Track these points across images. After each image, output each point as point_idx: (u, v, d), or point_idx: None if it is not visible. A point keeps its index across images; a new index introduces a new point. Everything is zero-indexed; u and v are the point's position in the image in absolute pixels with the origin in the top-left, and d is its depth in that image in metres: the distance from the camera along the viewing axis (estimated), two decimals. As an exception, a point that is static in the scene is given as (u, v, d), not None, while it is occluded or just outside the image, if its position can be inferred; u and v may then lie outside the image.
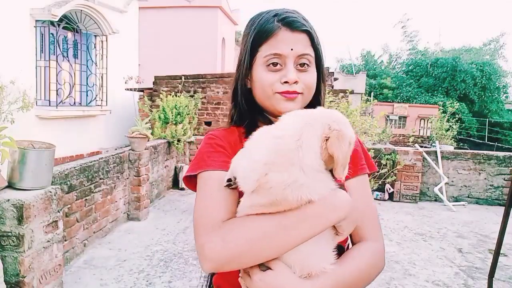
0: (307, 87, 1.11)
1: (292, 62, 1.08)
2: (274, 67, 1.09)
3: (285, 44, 1.08)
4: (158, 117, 7.60)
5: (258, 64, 1.12)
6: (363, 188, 1.13)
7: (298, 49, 1.08)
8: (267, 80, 1.10)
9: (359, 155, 1.15)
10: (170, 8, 16.07)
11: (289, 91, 1.08)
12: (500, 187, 7.47)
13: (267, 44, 1.09)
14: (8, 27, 6.26)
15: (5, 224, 2.73)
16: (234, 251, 0.90)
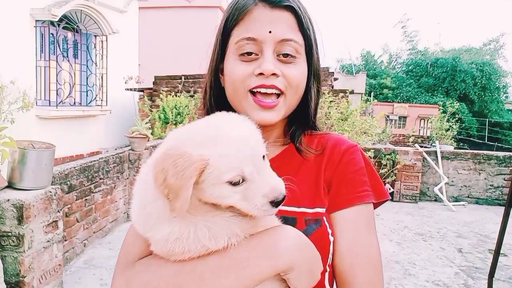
0: (291, 85, 0.85)
1: (271, 49, 0.83)
2: (248, 56, 0.84)
3: (262, 24, 0.82)
4: (158, 117, 7.60)
5: (230, 53, 0.88)
6: (360, 222, 0.84)
7: (278, 32, 0.82)
8: (237, 73, 0.84)
9: (359, 176, 0.88)
10: (170, 8, 16.07)
11: (264, 85, 0.83)
12: (500, 187, 7.47)
13: (239, 26, 0.85)
14: (8, 27, 6.25)
15: (5, 224, 2.73)
16: None
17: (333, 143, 0.92)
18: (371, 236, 0.85)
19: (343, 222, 0.85)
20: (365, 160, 0.91)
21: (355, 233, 0.83)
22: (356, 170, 0.88)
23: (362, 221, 0.85)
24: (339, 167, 0.88)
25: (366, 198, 0.86)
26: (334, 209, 0.85)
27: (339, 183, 0.87)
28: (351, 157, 0.89)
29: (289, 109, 0.89)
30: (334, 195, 0.86)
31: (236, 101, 0.88)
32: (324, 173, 0.88)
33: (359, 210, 0.85)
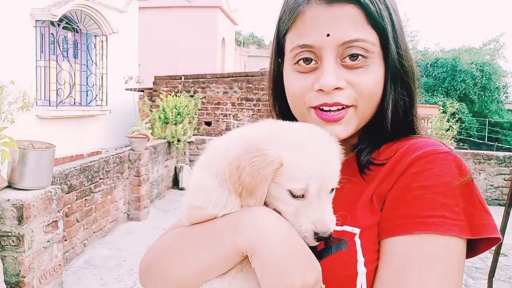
0: (363, 95, 0.69)
1: (332, 56, 0.68)
2: (306, 66, 0.70)
3: (317, 27, 0.67)
4: (158, 117, 7.60)
5: (286, 61, 0.75)
6: (415, 257, 0.60)
7: (339, 34, 0.66)
8: (295, 89, 0.73)
9: (432, 194, 0.62)
10: (170, 8, 16.07)
11: (327, 104, 0.69)
12: (500, 187, 7.47)
13: (292, 30, 0.71)
14: (8, 27, 6.25)
15: (5, 224, 2.73)
16: (145, 264, 0.77)
17: (407, 148, 0.68)
18: (430, 281, 0.59)
19: (391, 252, 0.63)
20: (461, 176, 0.64)
21: (402, 272, 0.60)
22: (429, 185, 0.62)
23: (419, 257, 0.60)
24: (401, 178, 0.65)
25: (436, 227, 0.60)
26: (385, 234, 0.64)
27: (397, 201, 0.64)
28: (427, 167, 0.64)
29: (363, 120, 0.73)
30: (388, 216, 0.65)
31: (298, 115, 0.76)
32: (378, 184, 0.68)
33: (419, 242, 0.61)
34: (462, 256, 0.62)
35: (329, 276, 0.63)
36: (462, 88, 24.69)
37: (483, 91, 25.00)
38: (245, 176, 0.62)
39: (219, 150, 0.71)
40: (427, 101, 24.76)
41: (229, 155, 0.65)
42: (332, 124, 0.70)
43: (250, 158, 0.62)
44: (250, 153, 0.63)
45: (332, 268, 0.63)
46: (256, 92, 9.21)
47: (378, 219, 0.66)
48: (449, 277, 0.60)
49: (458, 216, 0.61)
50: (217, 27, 16.47)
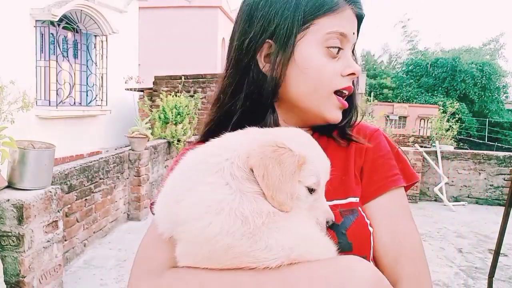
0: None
1: (350, 50, 0.85)
2: (336, 53, 0.80)
3: (351, 25, 0.82)
4: (158, 117, 7.60)
5: (311, 42, 0.78)
6: (396, 209, 0.81)
7: (355, 36, 0.84)
8: (327, 72, 0.79)
9: (387, 160, 0.84)
10: (170, 8, 16.07)
11: (350, 87, 0.84)
12: (500, 187, 7.47)
13: (331, 17, 0.78)
14: (8, 27, 6.25)
15: (5, 224, 2.73)
16: None
17: (357, 128, 0.89)
18: (410, 221, 0.81)
19: (380, 210, 0.80)
20: (389, 143, 0.87)
21: (394, 221, 0.79)
22: (383, 154, 0.84)
23: (398, 206, 0.81)
24: (366, 154, 0.85)
25: (398, 182, 0.82)
26: (369, 198, 0.81)
27: (370, 170, 0.83)
28: (377, 141, 0.86)
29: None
30: (367, 184, 0.82)
31: (313, 99, 0.79)
32: (355, 160, 0.84)
33: (393, 196, 0.81)
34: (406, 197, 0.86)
35: (357, 241, 0.75)
36: (462, 88, 24.69)
37: (483, 91, 25.00)
38: (275, 174, 0.58)
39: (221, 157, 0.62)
40: (427, 101, 24.77)
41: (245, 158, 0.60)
42: (341, 110, 0.84)
43: (277, 155, 0.59)
44: (275, 149, 0.60)
45: (357, 233, 0.75)
46: (256, 92, 9.20)
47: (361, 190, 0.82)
48: (411, 214, 0.83)
49: (400, 171, 0.84)
50: (217, 27, 16.47)
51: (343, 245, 0.72)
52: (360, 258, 0.60)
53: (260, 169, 0.58)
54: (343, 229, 0.74)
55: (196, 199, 0.58)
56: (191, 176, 0.62)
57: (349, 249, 0.73)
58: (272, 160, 0.59)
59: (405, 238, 0.79)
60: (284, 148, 0.61)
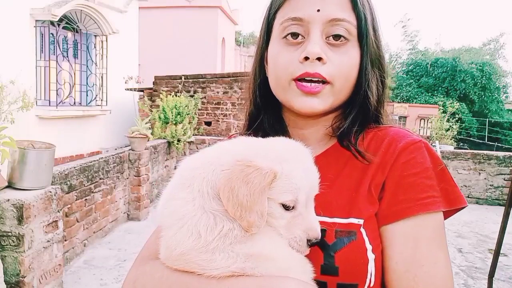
0: (341, 73, 0.75)
1: (319, 30, 0.73)
2: (294, 40, 0.75)
3: (309, 2, 0.73)
4: (158, 117, 7.60)
5: (273, 38, 0.80)
6: (422, 237, 0.70)
7: (328, 11, 0.73)
8: (281, 60, 0.77)
9: (422, 180, 0.71)
10: (170, 8, 16.08)
11: (308, 73, 0.73)
12: (500, 187, 7.47)
13: (284, 6, 0.77)
14: (8, 27, 6.25)
15: (5, 224, 2.73)
16: None
17: (389, 139, 0.77)
18: (438, 252, 0.69)
19: (400, 236, 0.70)
20: (432, 159, 0.73)
21: (415, 250, 0.69)
22: (418, 172, 0.72)
23: (425, 234, 0.70)
24: (394, 169, 0.73)
25: (431, 206, 0.70)
26: (390, 220, 0.71)
27: (395, 189, 0.72)
28: (411, 156, 0.73)
29: (338, 99, 0.78)
30: (390, 203, 0.72)
31: (278, 90, 0.79)
32: (373, 176, 0.74)
33: (422, 221, 0.70)
34: (444, 225, 0.74)
35: (346, 267, 0.69)
36: (462, 88, 24.71)
37: (483, 91, 25.01)
38: (241, 194, 0.60)
39: (198, 170, 0.66)
40: (427, 101, 24.77)
41: (218, 174, 0.63)
42: (310, 96, 0.75)
43: (244, 175, 0.61)
44: (242, 169, 0.61)
45: (347, 258, 0.69)
46: (256, 92, 9.21)
47: (377, 209, 0.73)
48: (444, 245, 0.72)
49: (440, 193, 0.71)
50: (217, 27, 16.47)
51: (328, 267, 0.69)
52: (300, 282, 0.62)
53: (225, 192, 0.61)
54: (332, 251, 0.69)
55: (170, 211, 0.67)
56: (172, 188, 0.70)
57: (335, 273, 0.69)
58: (239, 181, 0.60)
59: (426, 270, 0.68)
60: (251, 167, 0.61)
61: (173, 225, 0.65)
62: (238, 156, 0.64)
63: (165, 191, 0.72)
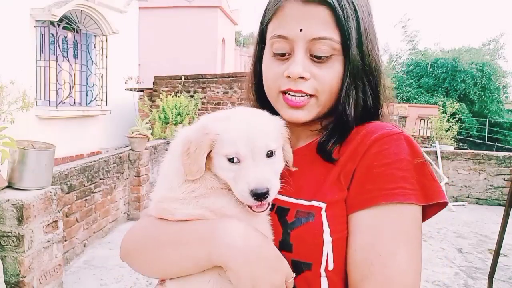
0: (324, 87, 0.79)
1: (302, 49, 0.78)
2: (281, 56, 0.81)
3: (293, 21, 0.77)
4: (158, 117, 7.60)
5: (266, 48, 0.85)
6: (384, 226, 0.69)
7: (310, 30, 0.76)
8: (269, 73, 0.84)
9: (392, 170, 0.72)
10: (170, 8, 16.07)
11: (291, 89, 0.79)
12: (500, 187, 7.47)
13: (273, 21, 0.82)
14: (8, 27, 6.25)
15: (5, 224, 2.73)
16: (125, 249, 0.87)
17: (366, 131, 0.78)
18: (401, 245, 0.68)
19: (362, 224, 0.71)
20: (412, 152, 0.74)
21: (375, 239, 0.69)
22: (388, 163, 0.72)
23: (389, 225, 0.69)
24: (364, 158, 0.74)
25: (398, 197, 0.69)
26: (353, 209, 0.73)
27: (363, 178, 0.73)
28: (385, 147, 0.73)
29: (324, 109, 0.82)
30: (355, 193, 0.74)
31: (270, 99, 0.87)
32: (344, 164, 0.76)
33: (387, 212, 0.69)
34: (420, 220, 0.73)
35: (299, 245, 0.73)
36: (462, 88, 24.71)
37: (483, 91, 25.00)
38: (192, 148, 0.74)
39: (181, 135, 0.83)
40: (427, 101, 24.76)
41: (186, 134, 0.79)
42: (295, 109, 0.81)
43: (196, 134, 0.75)
44: (197, 130, 0.76)
45: (301, 237, 0.73)
46: (256, 92, 9.21)
47: (345, 196, 0.75)
48: (413, 239, 0.70)
49: (414, 186, 0.71)
50: (217, 27, 16.47)
51: (284, 243, 0.74)
52: (244, 224, 0.71)
53: (184, 151, 0.76)
54: (289, 229, 0.74)
55: (159, 170, 0.86)
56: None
57: (289, 249, 0.74)
58: (192, 142, 0.75)
59: (380, 261, 0.67)
60: (201, 130, 0.76)
61: (158, 181, 0.84)
62: (202, 122, 0.79)
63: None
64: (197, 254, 0.71)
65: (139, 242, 0.83)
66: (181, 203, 0.76)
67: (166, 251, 0.76)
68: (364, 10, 0.81)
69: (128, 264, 0.88)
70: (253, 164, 0.73)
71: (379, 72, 0.84)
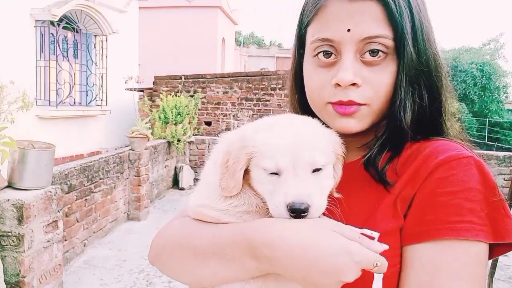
0: (377, 95, 0.69)
1: (352, 51, 0.68)
2: (326, 59, 0.71)
3: (338, 21, 0.67)
4: (158, 117, 7.60)
5: (307, 54, 0.76)
6: (445, 265, 0.61)
7: (360, 29, 0.66)
8: (313, 83, 0.74)
9: (458, 200, 0.62)
10: (170, 8, 16.07)
11: (342, 101, 0.69)
12: (500, 187, 7.46)
13: (314, 23, 0.72)
14: (8, 27, 6.25)
15: (5, 224, 2.73)
16: (156, 251, 0.82)
17: (429, 151, 0.68)
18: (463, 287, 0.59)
19: (419, 259, 0.62)
20: (484, 181, 0.63)
21: (433, 278, 0.60)
22: (456, 191, 0.62)
23: (451, 264, 0.60)
24: (426, 183, 0.64)
25: (464, 233, 0.60)
26: (410, 241, 0.64)
27: (424, 207, 0.64)
28: (452, 173, 0.63)
29: (377, 117, 0.72)
30: (414, 223, 0.64)
31: (315, 110, 0.77)
32: (402, 188, 0.67)
33: (449, 248, 0.60)
34: (486, 260, 0.63)
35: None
36: (462, 88, 24.72)
37: (483, 91, 25.02)
38: (230, 161, 0.69)
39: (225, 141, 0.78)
40: (427, 101, 24.74)
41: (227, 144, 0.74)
42: (346, 117, 0.70)
43: (234, 146, 0.70)
44: (236, 141, 0.70)
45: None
46: (256, 92, 9.21)
47: (401, 225, 0.65)
48: (477, 282, 0.61)
49: (483, 221, 0.61)
50: (217, 27, 16.47)
51: None
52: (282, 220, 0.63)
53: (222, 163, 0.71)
54: None
55: (201, 176, 0.82)
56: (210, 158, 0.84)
57: None
58: (231, 154, 0.70)
59: None
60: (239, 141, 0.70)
61: (200, 186, 0.79)
62: (242, 131, 0.73)
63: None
64: (244, 266, 0.64)
65: (174, 244, 0.76)
66: (224, 213, 0.71)
67: (206, 264, 0.69)
68: (419, 4, 0.70)
69: (158, 269, 0.82)
70: (294, 178, 0.64)
71: (440, 73, 0.73)
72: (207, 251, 0.68)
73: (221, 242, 0.66)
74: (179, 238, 0.76)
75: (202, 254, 0.69)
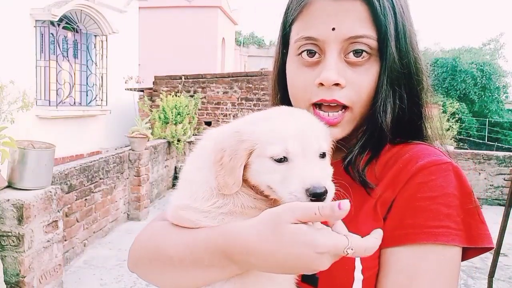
0: (360, 97, 0.69)
1: (335, 51, 0.67)
2: (310, 58, 0.70)
3: (323, 19, 0.67)
4: (158, 117, 7.60)
5: (290, 53, 0.75)
6: (422, 269, 0.62)
7: (344, 28, 0.66)
8: (297, 83, 0.73)
9: (437, 205, 0.63)
10: (170, 8, 16.08)
11: (325, 100, 0.68)
12: (500, 187, 7.47)
13: (298, 21, 0.71)
14: (8, 27, 6.25)
15: (5, 224, 2.73)
16: (134, 259, 0.79)
17: (410, 155, 0.69)
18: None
19: (397, 263, 0.63)
20: (461, 188, 0.65)
21: (411, 282, 0.62)
22: (434, 196, 0.63)
23: (428, 268, 0.62)
24: (406, 188, 0.66)
25: (441, 238, 0.61)
26: (389, 244, 0.64)
27: (403, 211, 0.65)
28: (431, 178, 0.65)
29: (359, 121, 0.72)
30: (393, 226, 0.65)
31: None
32: (382, 192, 0.67)
33: (427, 252, 0.62)
34: (459, 263, 0.65)
35: (326, 280, 0.66)
36: (462, 88, 24.72)
37: (483, 91, 25.02)
38: (226, 158, 0.65)
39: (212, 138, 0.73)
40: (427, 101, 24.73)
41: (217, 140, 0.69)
42: (329, 127, 0.70)
43: (229, 141, 0.66)
44: (230, 136, 0.66)
45: (329, 271, 0.60)
46: (256, 92, 9.21)
47: (380, 227, 0.65)
48: (451, 284, 0.63)
49: (459, 226, 0.63)
50: (217, 27, 16.47)
51: (309, 276, 0.66)
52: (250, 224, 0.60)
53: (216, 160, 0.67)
54: None
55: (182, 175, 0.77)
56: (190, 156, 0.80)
57: (314, 283, 0.67)
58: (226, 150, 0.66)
59: None
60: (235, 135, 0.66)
61: (181, 185, 0.75)
62: (234, 127, 0.69)
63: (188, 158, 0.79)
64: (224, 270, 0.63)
65: (150, 253, 0.74)
66: (204, 216, 0.68)
67: (185, 269, 0.68)
68: (402, 5, 0.70)
69: (138, 276, 0.80)
70: (305, 162, 0.62)
71: (420, 76, 0.74)
72: (184, 260, 0.67)
73: (197, 251, 0.65)
74: (154, 247, 0.73)
75: (180, 263, 0.68)
